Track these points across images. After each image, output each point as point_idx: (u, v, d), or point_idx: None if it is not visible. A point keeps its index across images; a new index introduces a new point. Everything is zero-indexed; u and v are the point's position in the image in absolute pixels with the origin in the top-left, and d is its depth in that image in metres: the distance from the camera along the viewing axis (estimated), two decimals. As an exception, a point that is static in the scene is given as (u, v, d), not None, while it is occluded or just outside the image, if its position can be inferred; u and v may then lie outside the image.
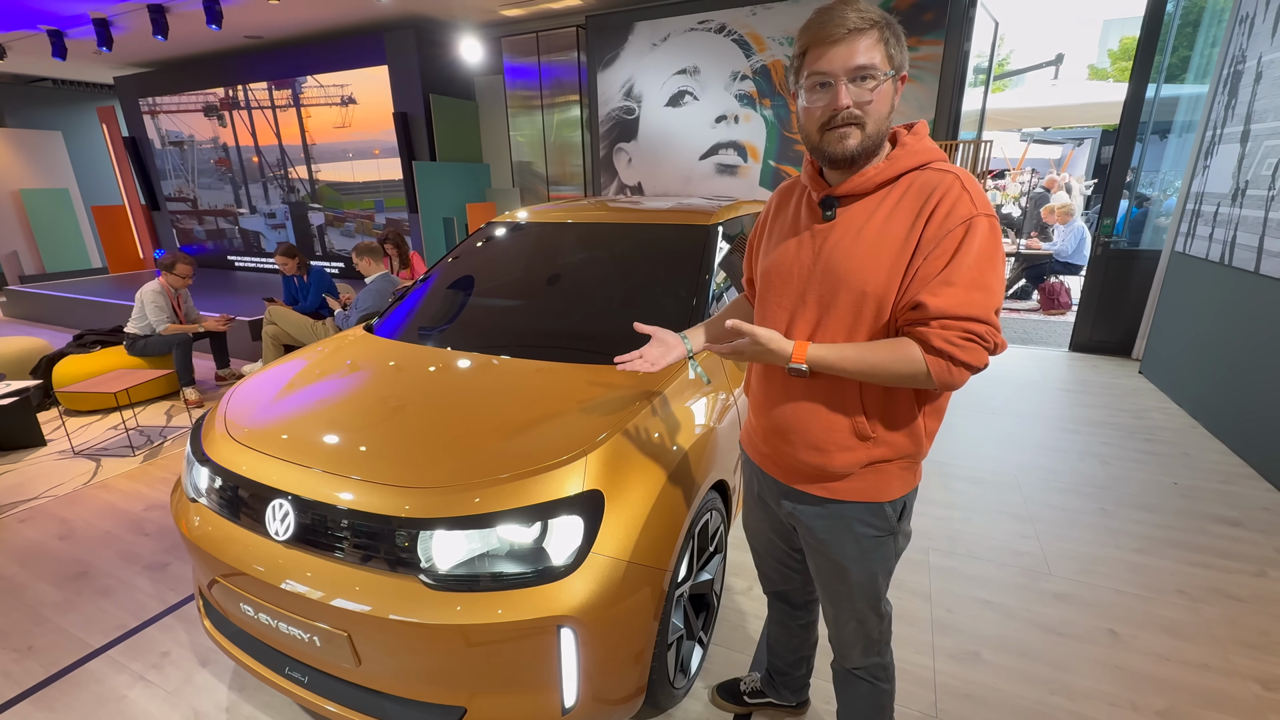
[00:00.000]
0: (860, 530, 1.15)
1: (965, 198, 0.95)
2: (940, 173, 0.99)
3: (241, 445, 1.57)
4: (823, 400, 1.09)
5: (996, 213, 1.02)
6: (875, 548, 1.17)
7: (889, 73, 0.95)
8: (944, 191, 0.96)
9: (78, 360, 4.20)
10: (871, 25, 0.93)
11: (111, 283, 8.03)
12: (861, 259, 1.00)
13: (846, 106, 0.94)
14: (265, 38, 7.15)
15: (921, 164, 1.00)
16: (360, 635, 1.30)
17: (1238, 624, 2.00)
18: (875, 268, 0.99)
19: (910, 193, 0.99)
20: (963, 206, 0.94)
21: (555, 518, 1.31)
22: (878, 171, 1.00)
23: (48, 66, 8.53)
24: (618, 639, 1.35)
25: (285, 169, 8.01)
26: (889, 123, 1.00)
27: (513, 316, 2.38)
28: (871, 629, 1.27)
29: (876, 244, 0.99)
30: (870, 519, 1.14)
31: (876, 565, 1.19)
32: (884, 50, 0.94)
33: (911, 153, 1.00)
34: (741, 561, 2.35)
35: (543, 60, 6.26)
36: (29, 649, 2.00)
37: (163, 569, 2.40)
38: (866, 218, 1.01)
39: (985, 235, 0.94)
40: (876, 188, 1.01)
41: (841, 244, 1.03)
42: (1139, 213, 5.36)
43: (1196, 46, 4.57)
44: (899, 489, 1.14)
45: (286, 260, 4.49)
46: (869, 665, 1.31)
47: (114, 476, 3.19)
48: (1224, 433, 3.37)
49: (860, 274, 1.00)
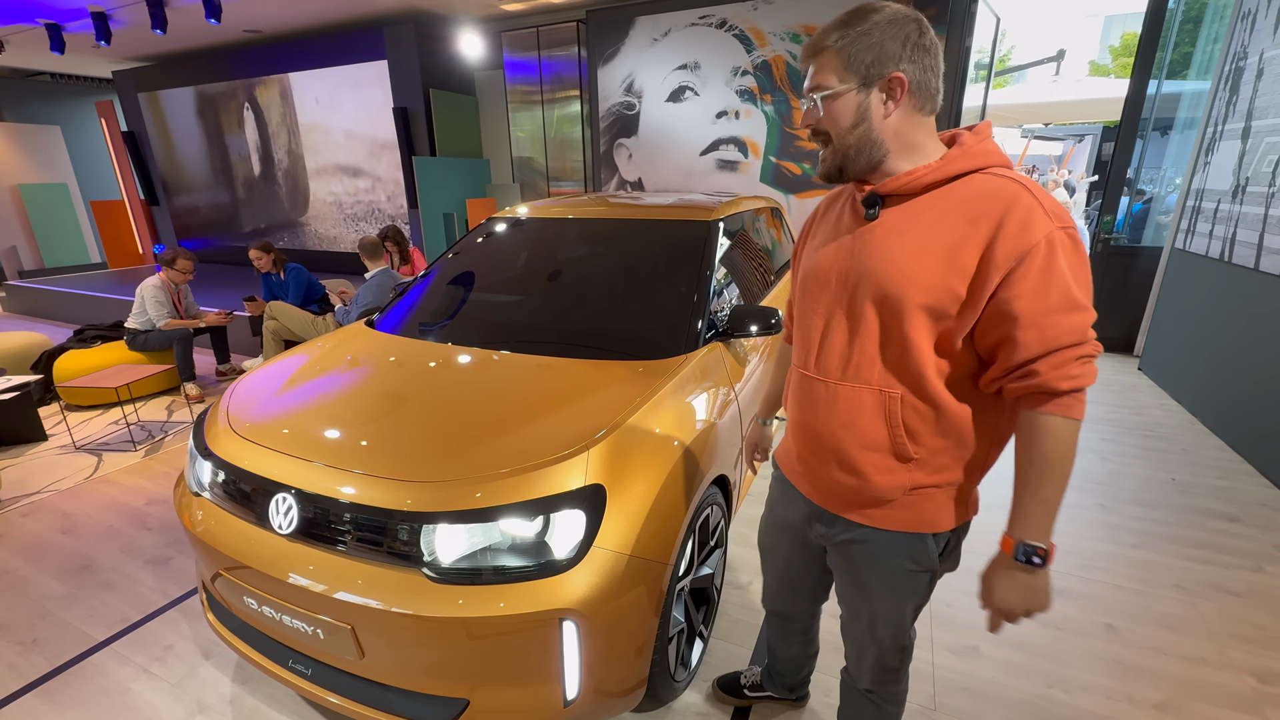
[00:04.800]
0: (895, 562, 1.07)
1: (1038, 210, 0.85)
2: (1004, 180, 0.89)
3: (245, 440, 1.58)
4: (859, 416, 1.00)
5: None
6: (908, 581, 1.09)
7: (846, 85, 0.92)
8: (1011, 203, 0.86)
9: (79, 355, 4.21)
10: (819, 50, 0.94)
11: (111, 278, 8.03)
12: (903, 262, 0.93)
13: (802, 123, 0.99)
14: (264, 32, 7.12)
15: (979, 167, 0.92)
16: (363, 628, 1.31)
17: (1234, 618, 2.02)
18: (920, 272, 0.91)
19: (966, 198, 0.90)
20: (1038, 221, 0.85)
21: (557, 512, 1.31)
22: (928, 171, 0.92)
23: (46, 60, 8.50)
24: (619, 632, 1.36)
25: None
26: (863, 132, 0.94)
27: (513, 312, 2.39)
28: (889, 659, 1.21)
29: (921, 246, 0.91)
30: (909, 552, 1.06)
31: (906, 598, 1.11)
32: (837, 64, 0.92)
33: (969, 154, 0.92)
34: (742, 556, 2.36)
35: (543, 55, 6.24)
36: (33, 642, 2.01)
37: (165, 563, 2.41)
38: (912, 219, 0.94)
39: (1069, 253, 0.85)
40: (925, 188, 0.93)
41: (884, 244, 0.95)
42: (1140, 209, 5.36)
43: (1199, 43, 4.57)
44: (946, 521, 1.03)
45: (262, 255, 4.44)
46: (880, 690, 1.28)
47: (115, 471, 3.20)
48: (1223, 429, 3.38)
49: (900, 278, 0.92)
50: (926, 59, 0.91)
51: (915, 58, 0.90)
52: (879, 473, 1.01)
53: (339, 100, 7.29)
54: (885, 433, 0.99)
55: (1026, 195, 0.87)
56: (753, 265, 2.82)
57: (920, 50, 0.91)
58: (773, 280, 3.04)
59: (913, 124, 0.94)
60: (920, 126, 0.95)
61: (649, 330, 2.07)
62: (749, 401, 2.20)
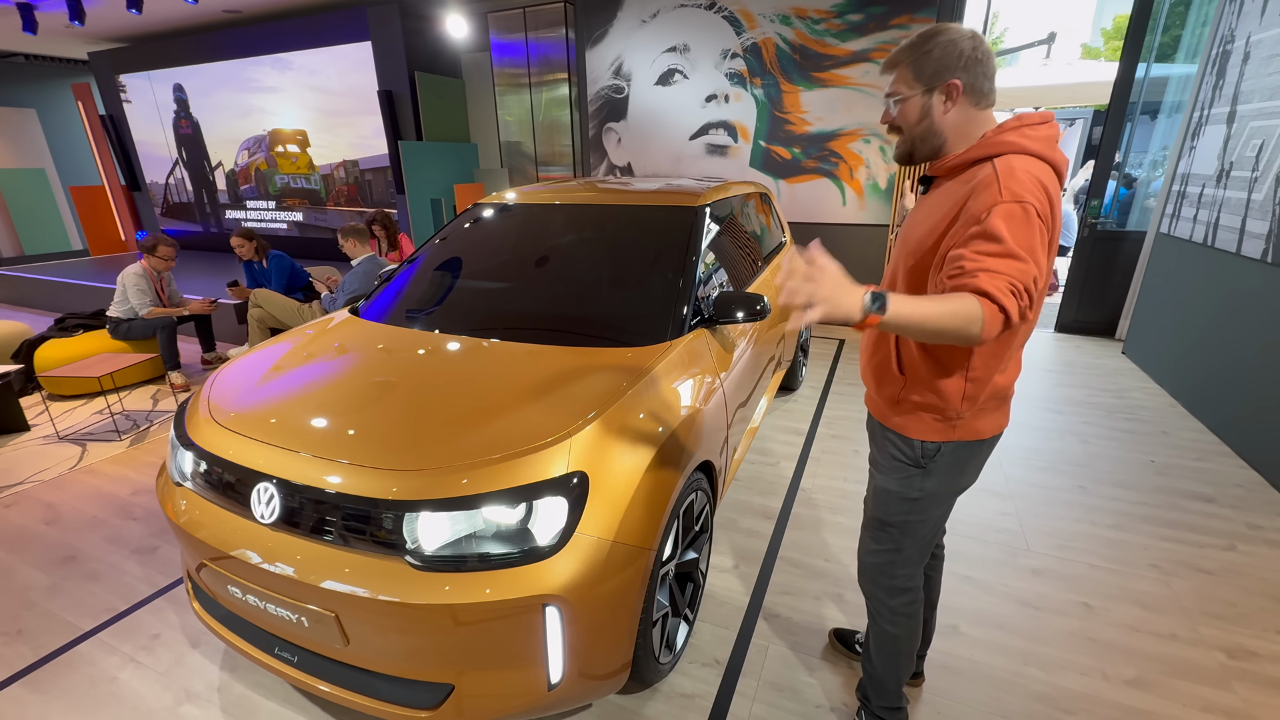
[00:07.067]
0: (890, 450, 1.34)
1: (994, 188, 1.04)
2: (991, 165, 1.09)
3: (225, 429, 1.57)
4: (877, 336, 1.32)
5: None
6: (897, 469, 1.33)
7: (914, 91, 1.17)
8: (983, 182, 1.07)
9: (60, 344, 4.15)
10: (895, 65, 1.20)
11: (93, 265, 7.90)
12: (917, 229, 1.19)
13: (883, 120, 1.26)
14: (244, 12, 6.95)
15: (990, 155, 1.11)
16: (348, 616, 1.32)
17: (1206, 596, 2.07)
18: (923, 237, 1.16)
19: (964, 179, 1.13)
20: (988, 195, 1.04)
21: (540, 499, 1.32)
22: (953, 158, 1.17)
23: (19, 41, 8.26)
24: (603, 616, 1.38)
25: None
26: (927, 125, 1.18)
27: (498, 299, 2.37)
28: (870, 550, 1.45)
29: (927, 217, 1.18)
30: (899, 443, 1.32)
31: (894, 485, 1.35)
32: (908, 76, 1.17)
33: (985, 144, 1.13)
34: (727, 540, 2.39)
35: (530, 37, 6.14)
36: (18, 633, 2.01)
37: (151, 553, 2.40)
38: (938, 196, 1.19)
39: (1003, 215, 1.01)
40: (949, 171, 1.19)
41: (915, 216, 1.25)
42: (1126, 194, 5.38)
43: (1188, 25, 4.55)
44: (927, 434, 1.27)
45: (244, 242, 4.39)
46: (871, 595, 1.48)
47: (100, 461, 3.17)
48: (1202, 412, 3.43)
49: (912, 240, 1.20)
50: (978, 67, 1.14)
51: (969, 67, 1.13)
52: (885, 384, 1.31)
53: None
54: (889, 352, 1.28)
55: (992, 174, 1.07)
56: (741, 251, 2.82)
57: (974, 61, 1.13)
58: (761, 266, 3.04)
59: (968, 118, 1.16)
60: (975, 119, 1.16)
61: (633, 317, 2.06)
62: (735, 388, 2.21)
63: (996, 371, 1.21)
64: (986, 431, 1.27)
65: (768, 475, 2.86)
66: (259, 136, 8.01)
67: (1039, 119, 1.14)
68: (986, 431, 1.27)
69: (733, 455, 2.28)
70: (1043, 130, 1.13)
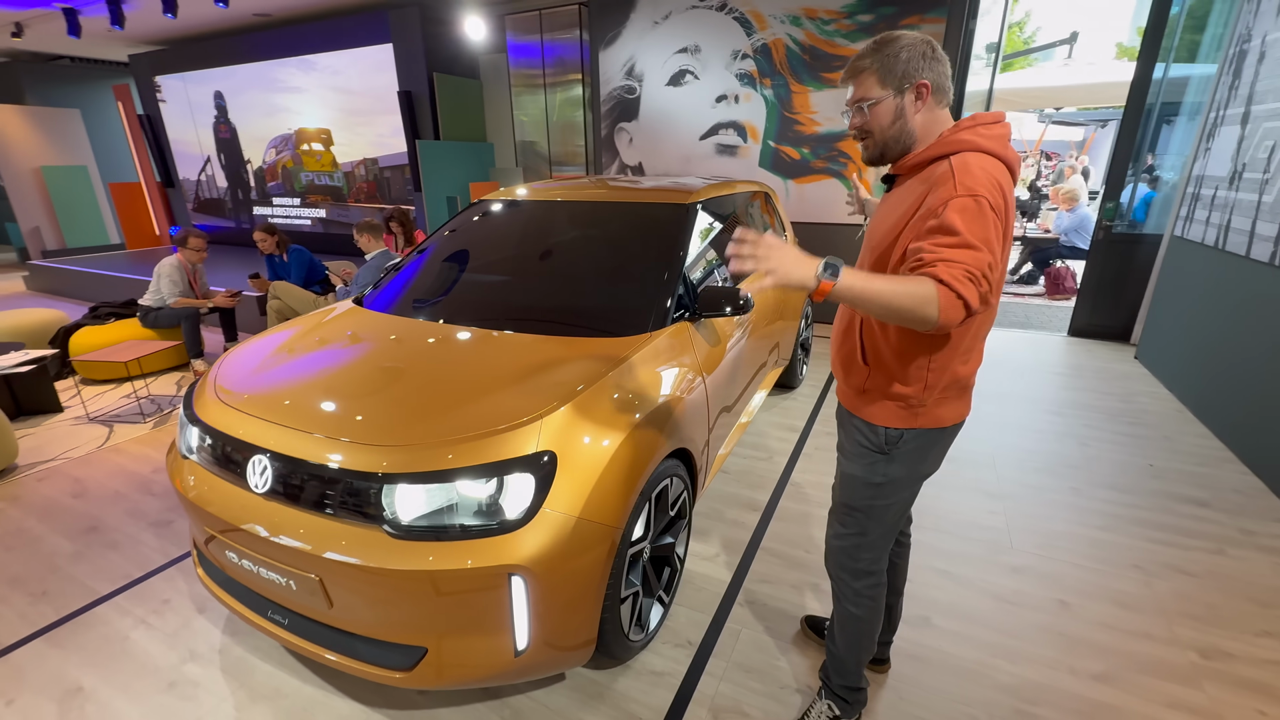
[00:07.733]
0: (856, 437, 1.39)
1: (950, 184, 1.10)
2: (947, 163, 1.14)
3: (228, 406, 1.69)
4: (845, 329, 1.38)
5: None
6: (862, 455, 1.38)
7: (885, 94, 1.20)
8: (940, 178, 1.12)
9: (93, 331, 4.38)
10: (859, 71, 1.23)
11: (129, 258, 8.25)
12: (880, 225, 1.26)
13: (851, 126, 1.28)
14: (273, 15, 7.21)
15: (947, 153, 1.16)
16: (329, 579, 1.42)
17: (1187, 598, 2.06)
18: (886, 233, 1.22)
19: (923, 177, 1.18)
20: (944, 190, 1.09)
21: (510, 475, 1.40)
22: (913, 157, 1.23)
23: (64, 44, 8.67)
24: (567, 588, 1.45)
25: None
26: (900, 126, 1.22)
27: (492, 291, 2.47)
28: (836, 534, 1.50)
29: (889, 214, 1.24)
30: (865, 430, 1.37)
31: (859, 471, 1.39)
32: (876, 80, 1.20)
33: (942, 143, 1.19)
34: (709, 529, 2.44)
35: (545, 38, 6.25)
36: (43, 593, 2.16)
37: (167, 525, 2.55)
38: (898, 194, 1.24)
39: (958, 209, 1.06)
40: (910, 169, 1.24)
41: (879, 213, 1.31)
42: (1155, 196, 5.25)
43: (1209, 24, 4.45)
44: (891, 421, 1.32)
45: (266, 237, 4.58)
46: (837, 578, 1.52)
47: (125, 441, 3.36)
48: (1208, 417, 3.38)
49: (876, 236, 1.26)
50: (939, 66, 1.20)
51: (933, 67, 1.19)
52: (851, 373, 1.36)
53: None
54: (855, 340, 1.34)
55: (948, 170, 1.13)
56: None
57: (936, 61, 1.20)
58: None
59: (933, 117, 1.22)
60: (938, 119, 1.22)
61: (618, 309, 2.14)
62: (720, 380, 2.26)
63: (957, 362, 1.26)
64: (948, 419, 1.32)
65: (759, 469, 2.90)
66: (285, 135, 8.28)
67: (992, 119, 1.20)
68: (948, 419, 1.32)
69: (717, 446, 2.34)
70: (996, 129, 1.19)
